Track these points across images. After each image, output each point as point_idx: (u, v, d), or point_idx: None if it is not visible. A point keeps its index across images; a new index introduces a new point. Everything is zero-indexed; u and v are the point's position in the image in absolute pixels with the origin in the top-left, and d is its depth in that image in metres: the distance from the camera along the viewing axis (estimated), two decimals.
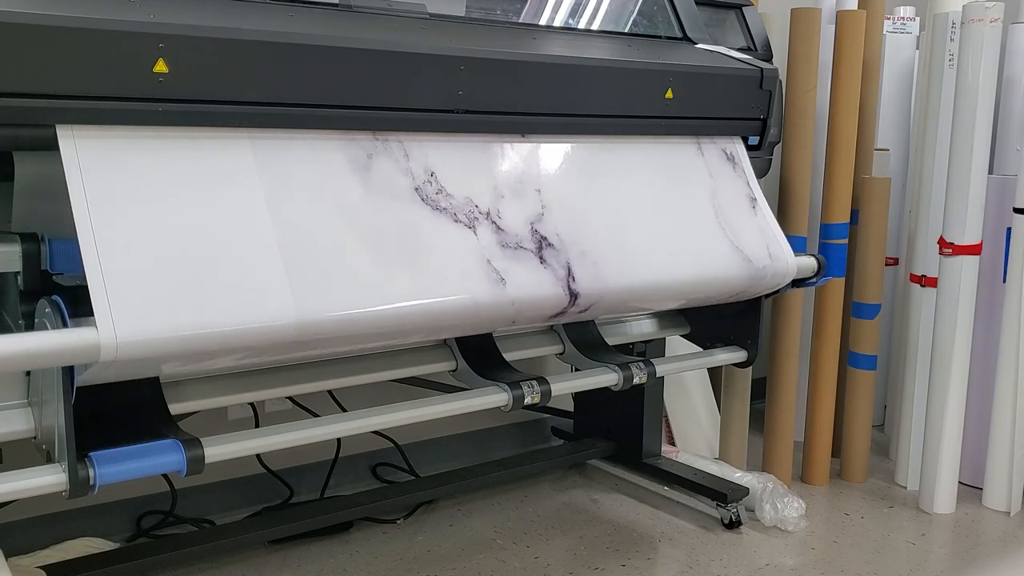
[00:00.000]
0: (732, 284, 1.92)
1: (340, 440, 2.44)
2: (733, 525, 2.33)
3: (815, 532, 2.34)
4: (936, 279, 2.46)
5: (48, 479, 1.32)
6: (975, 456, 2.57)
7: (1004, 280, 2.47)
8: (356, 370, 1.81)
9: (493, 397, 1.78)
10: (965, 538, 2.33)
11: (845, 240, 2.58)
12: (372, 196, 1.52)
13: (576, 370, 2.04)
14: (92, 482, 1.32)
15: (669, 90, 1.90)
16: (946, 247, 2.39)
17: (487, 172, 1.66)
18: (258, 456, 2.33)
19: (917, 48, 2.99)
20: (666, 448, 2.61)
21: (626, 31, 2.04)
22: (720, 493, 2.35)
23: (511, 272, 1.60)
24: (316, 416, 1.68)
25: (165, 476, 2.16)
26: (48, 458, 1.37)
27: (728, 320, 2.20)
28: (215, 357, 1.34)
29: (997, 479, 2.47)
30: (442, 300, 1.51)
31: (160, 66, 1.33)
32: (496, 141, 1.70)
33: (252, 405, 2.24)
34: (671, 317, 2.31)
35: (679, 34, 2.10)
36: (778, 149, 2.32)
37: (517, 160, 1.71)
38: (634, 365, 1.97)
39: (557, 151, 1.78)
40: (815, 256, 2.10)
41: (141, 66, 1.32)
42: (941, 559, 2.22)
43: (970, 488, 2.57)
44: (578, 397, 2.71)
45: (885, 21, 2.85)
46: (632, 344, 2.35)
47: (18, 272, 1.37)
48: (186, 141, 1.38)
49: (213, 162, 1.39)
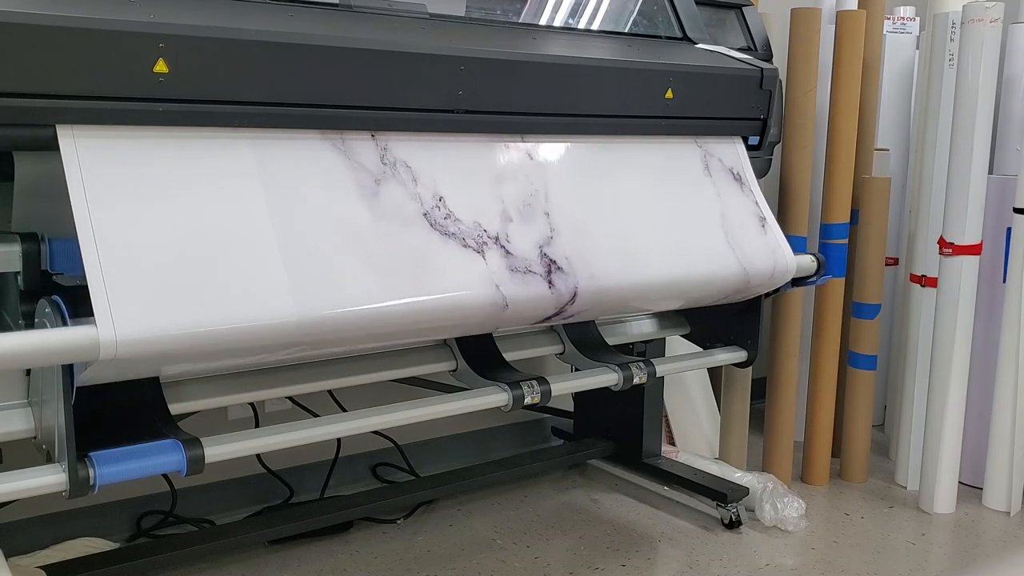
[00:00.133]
0: (731, 284, 1.92)
1: (340, 440, 2.44)
2: (733, 525, 2.33)
3: (815, 532, 2.34)
4: (936, 279, 2.46)
5: (48, 479, 1.32)
6: (975, 456, 2.57)
7: (1004, 280, 2.47)
8: (356, 370, 1.81)
9: (493, 397, 1.78)
10: (965, 538, 2.33)
11: (845, 240, 2.58)
12: (372, 195, 1.52)
13: (576, 370, 2.04)
14: (92, 482, 1.32)
15: (669, 90, 1.90)
16: (946, 247, 2.39)
17: (493, 193, 1.66)
18: (258, 456, 2.33)
19: (917, 48, 2.99)
20: (666, 448, 2.61)
21: (626, 31, 2.04)
22: (720, 493, 2.35)
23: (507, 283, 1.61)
24: (316, 416, 1.67)
25: (165, 476, 2.16)
26: (48, 458, 1.37)
27: (728, 320, 2.20)
28: (215, 356, 1.34)
29: (997, 479, 2.47)
30: (442, 297, 1.51)
31: (160, 66, 1.34)
32: (499, 149, 1.70)
33: (252, 405, 2.24)
34: (671, 317, 2.30)
35: (679, 34, 2.10)
36: (778, 149, 2.32)
37: (525, 179, 1.70)
38: (634, 365, 1.97)
39: (562, 161, 1.77)
40: (814, 255, 2.09)
41: (141, 66, 1.32)
42: (941, 559, 2.22)
43: (970, 488, 2.57)
44: (578, 397, 2.71)
45: (885, 21, 2.85)
46: (632, 344, 2.35)
47: (18, 272, 1.37)
48: (186, 141, 1.38)
49: (213, 162, 1.40)
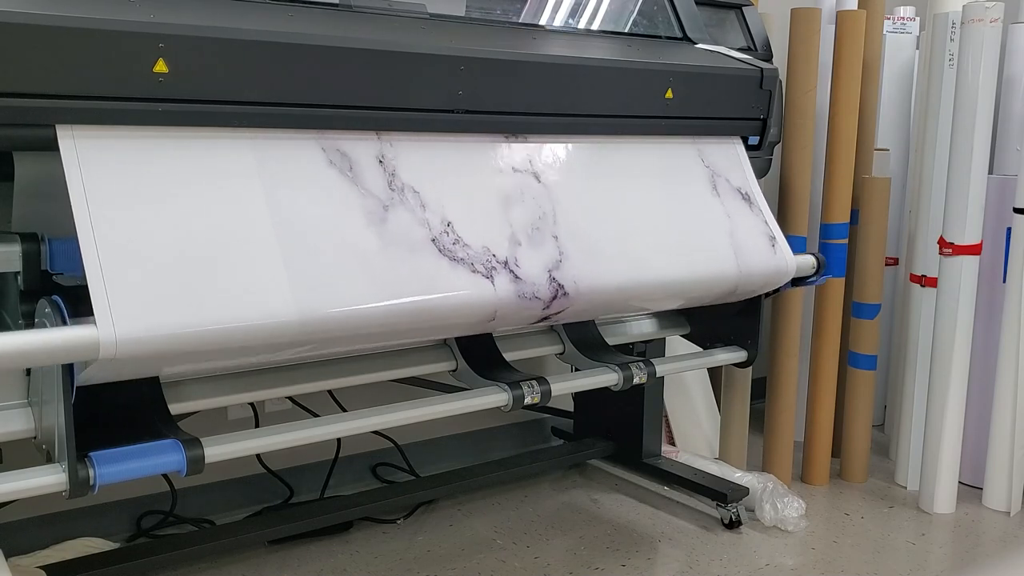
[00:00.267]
0: (731, 284, 1.92)
1: (340, 440, 2.44)
2: (733, 525, 2.33)
3: (815, 532, 2.34)
4: (936, 279, 2.46)
5: (48, 479, 1.32)
6: (975, 456, 2.57)
7: (1004, 280, 2.47)
8: (356, 370, 1.81)
9: (493, 397, 1.78)
10: (965, 538, 2.33)
11: (845, 240, 2.58)
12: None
13: (576, 370, 2.04)
14: (92, 482, 1.32)
15: (669, 90, 1.90)
16: (946, 247, 2.39)
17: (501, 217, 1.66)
18: (258, 456, 2.33)
19: (917, 48, 2.99)
20: (666, 448, 2.61)
21: (626, 31, 2.04)
22: (720, 493, 2.35)
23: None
24: (316, 416, 1.67)
25: (165, 476, 2.16)
26: (48, 458, 1.37)
27: (728, 320, 2.20)
28: (214, 356, 1.34)
29: (997, 479, 2.47)
30: (442, 296, 1.51)
31: (160, 66, 1.34)
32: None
33: (252, 405, 2.24)
34: (671, 317, 2.30)
35: (679, 34, 2.10)
36: (778, 149, 2.32)
37: (532, 201, 1.70)
38: (634, 365, 1.97)
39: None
40: (814, 255, 2.09)
41: (141, 66, 1.32)
42: (941, 559, 2.22)
43: (970, 488, 2.57)
44: (578, 397, 2.71)
45: (885, 21, 2.85)
46: (632, 344, 2.35)
47: (18, 272, 1.37)
48: (186, 141, 1.38)
49: (213, 162, 1.39)
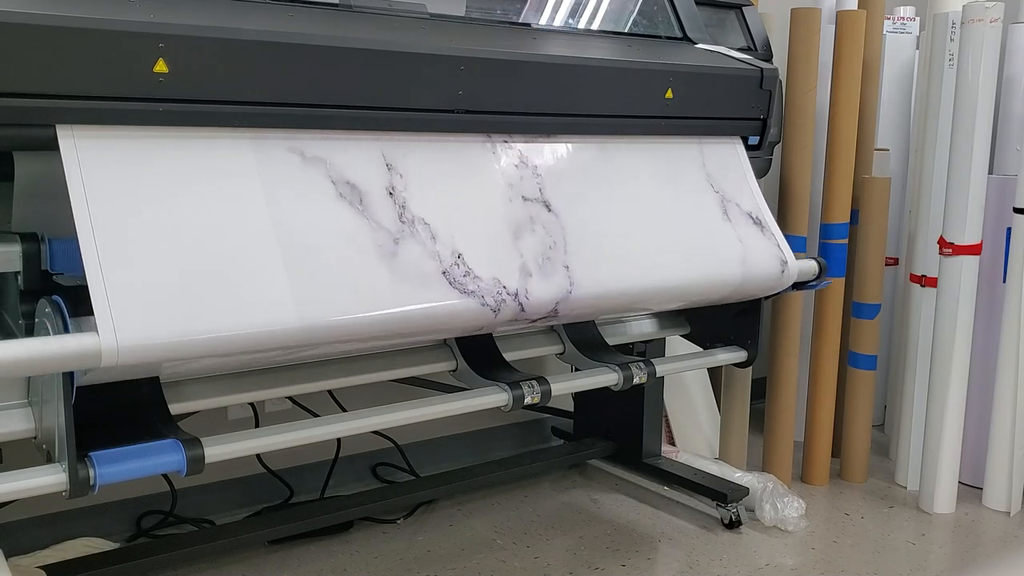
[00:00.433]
0: (732, 288, 1.92)
1: (340, 440, 2.44)
2: (733, 525, 2.33)
3: (815, 532, 2.34)
4: (936, 279, 2.46)
5: (48, 479, 1.31)
6: (975, 456, 2.57)
7: (1004, 280, 2.47)
8: (356, 370, 1.81)
9: (493, 397, 1.78)
10: (965, 538, 2.33)
11: (845, 240, 2.58)
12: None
13: (576, 370, 2.04)
14: (92, 482, 1.32)
15: (669, 90, 1.90)
16: (946, 247, 2.39)
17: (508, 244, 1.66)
18: (258, 456, 2.33)
19: (917, 48, 2.99)
20: (666, 448, 2.61)
21: (626, 31, 2.04)
22: (720, 493, 2.35)
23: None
24: (316, 416, 1.67)
25: (165, 476, 2.16)
26: (48, 458, 1.36)
27: (728, 320, 2.20)
28: (216, 359, 1.34)
29: (997, 479, 2.47)
30: (439, 304, 1.52)
31: (160, 66, 1.33)
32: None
33: (252, 405, 2.24)
34: (671, 317, 2.30)
35: (679, 34, 2.10)
36: (778, 149, 2.32)
37: (542, 229, 1.70)
38: (634, 365, 1.96)
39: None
40: (816, 259, 2.09)
41: (141, 66, 1.32)
42: (941, 559, 2.22)
43: (970, 488, 2.57)
44: (578, 397, 2.71)
45: (885, 21, 2.85)
46: (632, 344, 2.35)
47: (18, 272, 1.37)
48: (186, 141, 1.38)
49: (213, 162, 1.39)
